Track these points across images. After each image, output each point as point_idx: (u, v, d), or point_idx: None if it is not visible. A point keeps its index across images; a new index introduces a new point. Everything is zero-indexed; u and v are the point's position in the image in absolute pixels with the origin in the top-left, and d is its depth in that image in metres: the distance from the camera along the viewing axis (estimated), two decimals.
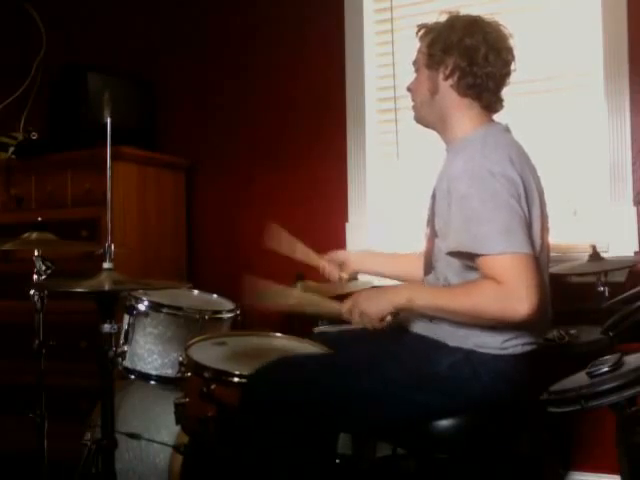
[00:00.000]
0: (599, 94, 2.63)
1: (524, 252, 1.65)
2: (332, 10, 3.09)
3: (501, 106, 1.90)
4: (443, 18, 1.90)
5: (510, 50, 1.87)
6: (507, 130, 1.88)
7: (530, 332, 1.76)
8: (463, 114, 1.86)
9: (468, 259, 1.71)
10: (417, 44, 1.95)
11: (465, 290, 1.71)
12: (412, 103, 1.96)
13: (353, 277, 2.20)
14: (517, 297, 1.61)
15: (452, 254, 1.74)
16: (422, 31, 1.93)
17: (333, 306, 1.90)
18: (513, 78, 1.94)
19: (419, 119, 1.96)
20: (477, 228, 1.66)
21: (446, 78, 1.85)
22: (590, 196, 2.66)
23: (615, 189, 2.60)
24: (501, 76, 1.86)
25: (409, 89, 1.97)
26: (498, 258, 1.64)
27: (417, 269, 1.98)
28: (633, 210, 2.57)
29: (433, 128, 1.94)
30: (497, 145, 1.77)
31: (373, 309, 1.78)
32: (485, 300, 1.65)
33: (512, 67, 1.88)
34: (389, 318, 1.79)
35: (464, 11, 1.93)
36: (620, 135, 2.59)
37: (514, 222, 1.66)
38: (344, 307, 1.84)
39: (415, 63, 1.95)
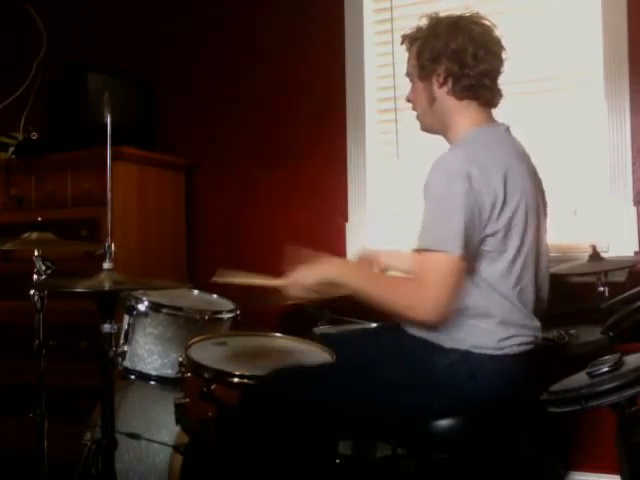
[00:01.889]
0: (599, 94, 2.63)
1: (453, 254, 1.66)
2: (332, 10, 3.09)
3: (500, 98, 1.89)
4: (423, 22, 1.89)
5: (498, 41, 1.87)
6: (506, 130, 1.87)
7: (525, 331, 1.76)
8: (463, 115, 1.86)
9: None
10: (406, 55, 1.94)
11: (392, 282, 1.79)
12: (415, 113, 1.97)
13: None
14: (424, 300, 1.67)
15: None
16: (406, 42, 1.92)
17: (277, 281, 1.91)
18: (513, 78, 1.94)
19: (424, 128, 1.97)
20: (423, 224, 1.71)
21: (440, 86, 1.85)
22: (590, 196, 2.66)
23: (615, 189, 2.59)
24: (494, 70, 1.85)
25: (409, 100, 1.97)
26: (425, 254, 1.68)
27: None
28: (633, 210, 2.57)
29: (439, 134, 1.94)
30: (483, 145, 1.77)
31: (302, 277, 1.82)
32: (396, 295, 1.71)
33: (504, 56, 1.87)
34: (316, 292, 1.84)
35: (464, 11, 1.93)
36: (620, 135, 2.59)
37: (459, 225, 1.67)
38: (288, 277, 1.86)
39: (408, 75, 1.95)
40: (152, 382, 2.35)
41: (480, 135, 1.81)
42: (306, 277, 1.81)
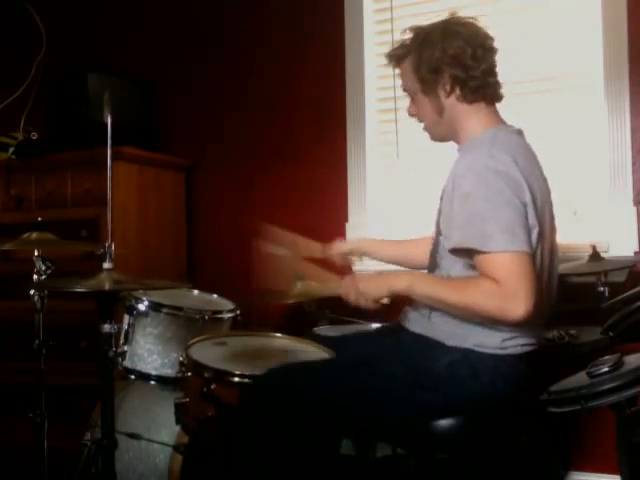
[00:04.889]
0: (599, 94, 2.63)
1: (525, 251, 1.65)
2: (332, 10, 3.09)
3: (501, 91, 1.89)
4: (406, 36, 1.88)
5: (489, 36, 1.86)
6: (519, 133, 1.87)
7: (529, 332, 1.75)
8: (473, 119, 1.85)
9: (469, 257, 1.71)
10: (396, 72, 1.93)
11: (465, 285, 1.71)
12: (422, 125, 1.94)
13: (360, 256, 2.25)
14: (515, 298, 1.61)
15: (454, 252, 1.74)
16: (393, 60, 1.91)
17: (331, 286, 1.90)
18: (514, 78, 1.94)
19: (435, 138, 1.95)
20: (480, 225, 1.66)
21: (448, 95, 1.83)
22: (590, 196, 2.66)
23: (615, 189, 2.60)
24: (494, 65, 1.85)
25: (412, 114, 1.95)
26: (500, 256, 1.64)
27: (421, 254, 1.98)
28: (633, 210, 2.57)
29: (450, 140, 1.93)
30: (504, 145, 1.76)
31: (371, 289, 1.78)
32: (483, 298, 1.65)
33: (497, 48, 1.87)
34: (385, 300, 1.79)
35: (464, 12, 1.92)
36: (620, 135, 2.59)
37: (517, 221, 1.66)
38: (342, 283, 1.83)
39: (407, 90, 1.92)
40: (152, 382, 2.35)
41: (496, 137, 1.80)
42: (375, 289, 1.78)
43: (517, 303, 1.61)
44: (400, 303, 1.91)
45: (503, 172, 1.68)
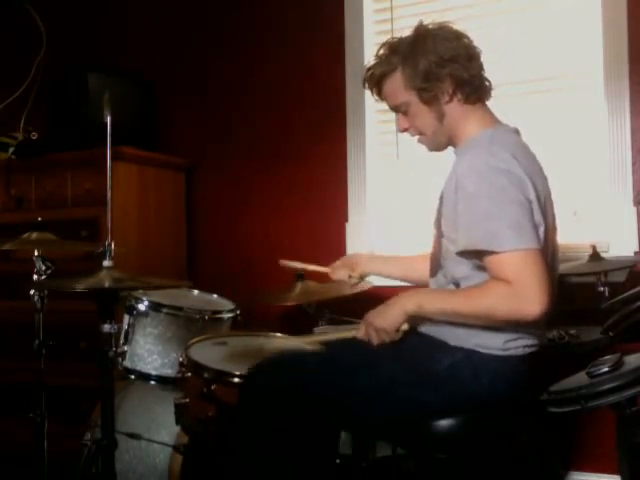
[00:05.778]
0: (599, 94, 2.63)
1: (534, 248, 1.64)
2: (332, 10, 3.09)
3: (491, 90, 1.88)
4: (383, 52, 1.85)
5: (467, 35, 1.85)
6: (516, 132, 1.87)
7: (532, 333, 1.75)
8: (471, 120, 1.84)
9: (478, 258, 1.71)
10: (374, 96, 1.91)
11: (475, 292, 1.70)
12: (418, 137, 1.91)
13: (362, 278, 2.20)
14: (529, 296, 1.60)
15: (462, 254, 1.73)
16: (374, 79, 1.87)
17: (349, 333, 1.90)
18: (514, 78, 1.93)
19: (433, 147, 1.92)
20: (487, 225, 1.65)
21: (450, 99, 1.81)
22: (590, 196, 2.66)
23: (615, 189, 2.59)
24: (482, 63, 1.85)
25: (404, 129, 1.91)
26: (509, 255, 1.62)
27: (426, 270, 1.97)
28: (633, 210, 2.57)
29: (447, 147, 1.91)
30: (503, 144, 1.76)
31: (386, 322, 1.77)
32: (497, 301, 1.64)
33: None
34: (405, 327, 1.78)
35: (464, 12, 1.92)
36: (620, 135, 2.59)
37: (523, 217, 1.65)
38: (359, 332, 1.82)
39: (399, 106, 1.87)
40: (152, 382, 2.36)
41: (494, 136, 1.79)
42: (391, 321, 1.77)
43: (532, 301, 1.60)
44: None
45: (505, 170, 1.68)
